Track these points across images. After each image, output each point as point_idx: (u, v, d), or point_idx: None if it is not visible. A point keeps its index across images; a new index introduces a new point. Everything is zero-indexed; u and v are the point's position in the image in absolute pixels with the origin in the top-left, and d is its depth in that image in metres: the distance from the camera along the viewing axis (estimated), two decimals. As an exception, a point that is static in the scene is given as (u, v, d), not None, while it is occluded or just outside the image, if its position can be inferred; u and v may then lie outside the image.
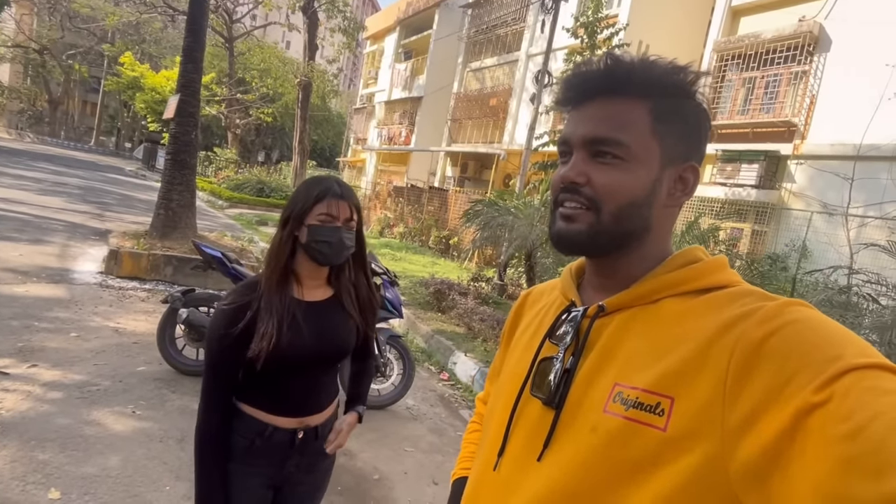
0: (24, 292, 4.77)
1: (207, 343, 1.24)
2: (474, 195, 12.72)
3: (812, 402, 0.44)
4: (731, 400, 0.49)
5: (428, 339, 5.61)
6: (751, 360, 0.50)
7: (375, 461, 3.07)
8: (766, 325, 0.51)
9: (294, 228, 1.25)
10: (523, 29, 16.10)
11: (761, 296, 0.57)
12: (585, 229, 0.64)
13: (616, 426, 0.56)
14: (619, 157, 0.62)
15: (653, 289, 0.63)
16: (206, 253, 3.78)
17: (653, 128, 0.62)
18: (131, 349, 3.93)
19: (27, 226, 7.77)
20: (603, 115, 0.63)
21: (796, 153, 9.15)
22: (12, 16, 35.40)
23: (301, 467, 1.32)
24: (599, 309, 0.65)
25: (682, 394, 0.53)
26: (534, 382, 0.68)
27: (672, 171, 0.64)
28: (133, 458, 2.57)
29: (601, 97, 0.63)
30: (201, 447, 1.22)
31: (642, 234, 0.65)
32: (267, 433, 1.25)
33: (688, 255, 0.65)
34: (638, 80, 0.62)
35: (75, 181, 16.16)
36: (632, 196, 0.62)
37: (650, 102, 0.62)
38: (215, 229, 9.81)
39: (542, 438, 0.62)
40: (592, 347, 0.63)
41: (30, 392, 3.01)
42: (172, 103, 7.07)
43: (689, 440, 0.51)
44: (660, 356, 0.57)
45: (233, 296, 1.23)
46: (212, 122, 28.15)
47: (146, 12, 26.34)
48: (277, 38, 44.62)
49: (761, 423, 0.47)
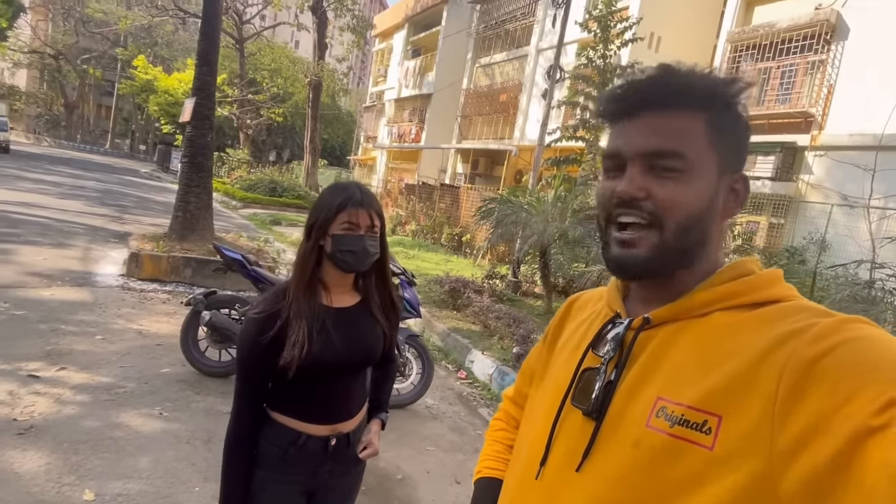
0: (50, 296, 4.88)
1: (238, 351, 1.26)
2: (486, 192, 12.70)
3: (871, 426, 0.43)
4: (781, 420, 0.48)
5: (444, 337, 5.63)
6: (803, 379, 0.48)
7: (398, 461, 3.10)
8: (821, 342, 0.49)
9: (319, 238, 1.27)
10: (533, 23, 16.00)
11: (818, 312, 0.55)
12: (649, 253, 0.62)
13: (660, 442, 0.55)
14: (678, 169, 0.60)
15: (702, 302, 0.61)
16: (227, 256, 3.83)
17: (709, 139, 0.61)
18: (155, 351, 4.01)
19: (49, 230, 7.93)
20: (660, 128, 0.61)
21: (814, 144, 9.00)
22: (28, 22, 35.93)
23: (334, 473, 1.34)
24: (645, 321, 0.64)
25: (731, 412, 0.52)
26: (576, 393, 0.68)
27: (727, 181, 0.63)
28: (163, 459, 2.63)
29: (655, 109, 0.62)
30: (230, 451, 1.25)
31: (701, 248, 0.63)
32: (300, 442, 1.27)
33: (740, 268, 0.63)
34: (696, 92, 0.62)
35: (93, 184, 16.43)
36: (694, 209, 0.61)
37: (706, 114, 0.61)
38: (231, 230, 9.92)
39: (583, 449, 0.62)
40: (636, 360, 0.63)
41: (60, 395, 3.08)
42: (188, 106, 7.15)
43: (735, 459, 0.50)
44: (706, 372, 0.55)
45: (263, 304, 1.25)
46: (224, 123, 28.38)
47: (157, 15, 26.63)
48: (287, 38, 44.79)
49: (815, 445, 0.45)
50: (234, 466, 1.25)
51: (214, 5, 7.14)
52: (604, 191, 0.66)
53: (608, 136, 0.67)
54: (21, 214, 8.77)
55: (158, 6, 26.79)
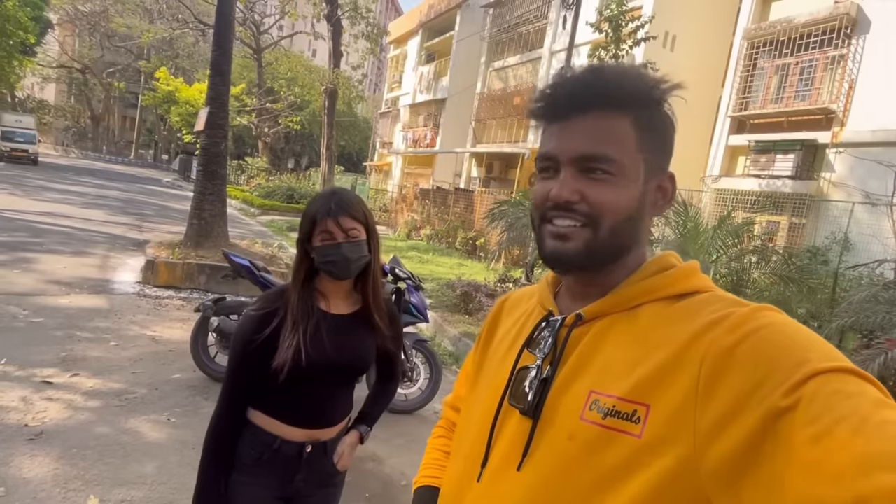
0: (68, 303, 5.00)
1: (233, 346, 1.27)
2: (500, 195, 12.65)
3: (780, 407, 0.45)
4: (703, 404, 0.50)
5: (456, 341, 5.60)
6: (722, 365, 0.51)
7: (403, 467, 3.08)
8: (737, 331, 0.52)
9: (308, 250, 1.30)
10: (546, 25, 15.93)
11: (731, 301, 0.58)
12: (583, 247, 0.63)
13: (593, 434, 0.57)
14: (610, 172, 0.62)
15: (629, 296, 0.64)
16: (235, 262, 3.88)
17: (638, 141, 0.63)
18: (167, 357, 4.07)
19: (71, 238, 8.15)
20: (591, 131, 0.62)
21: (835, 141, 8.74)
22: (56, 38, 37.19)
23: (310, 482, 1.33)
24: (577, 318, 0.65)
25: (657, 401, 0.54)
26: (512, 392, 0.68)
27: (655, 182, 0.66)
28: (168, 465, 2.65)
29: (585, 111, 0.63)
30: (210, 447, 1.27)
31: (632, 246, 0.66)
32: (275, 446, 1.27)
33: (662, 262, 0.66)
34: (624, 94, 0.63)
35: (116, 194, 16.86)
36: (626, 210, 0.63)
37: (633, 115, 0.63)
38: (247, 237, 10.07)
39: (522, 448, 0.63)
40: (570, 356, 0.64)
41: (71, 401, 3.15)
42: (202, 116, 7.29)
43: (662, 445, 0.52)
44: (635, 364, 0.57)
45: (261, 302, 1.28)
46: (243, 131, 28.92)
47: (178, 28, 27.32)
48: (304, 47, 45.49)
49: (732, 426, 0.48)
50: (212, 463, 1.27)
51: (227, 16, 7.28)
52: (539, 192, 0.67)
53: (542, 137, 0.68)
54: (45, 224, 9.04)
55: (179, 19, 27.49)
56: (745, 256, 5.58)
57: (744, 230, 5.84)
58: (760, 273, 5.54)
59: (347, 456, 1.38)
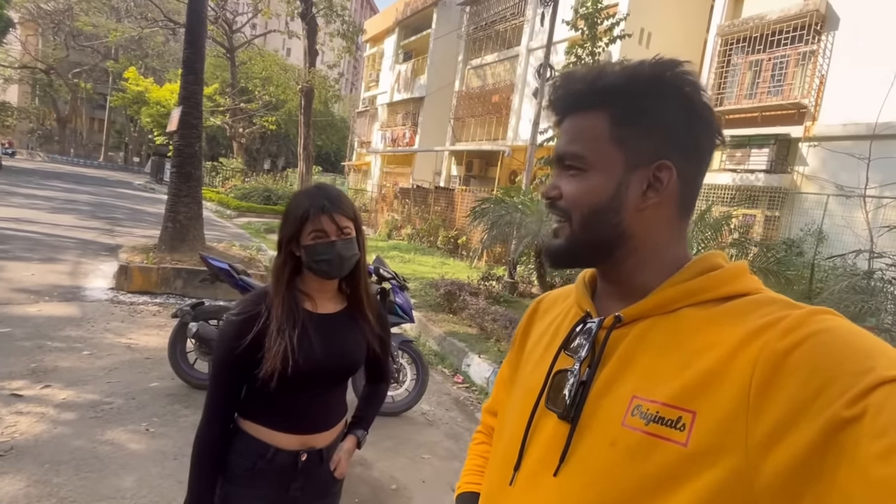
0: (37, 312, 4.79)
1: (215, 353, 1.22)
2: (481, 193, 12.65)
3: (844, 417, 0.43)
4: (756, 413, 0.48)
5: (440, 341, 5.56)
6: (775, 372, 0.48)
7: (392, 470, 3.03)
8: (791, 335, 0.49)
9: (293, 249, 1.24)
10: (523, 23, 15.99)
11: (785, 304, 0.55)
12: (564, 243, 0.66)
13: (636, 441, 0.55)
14: (578, 167, 0.64)
15: (671, 298, 0.61)
16: (214, 266, 3.76)
17: (611, 134, 0.63)
18: (144, 365, 3.93)
19: (39, 245, 7.84)
20: (570, 130, 0.66)
21: (807, 135, 8.96)
22: (18, 37, 35.88)
23: (307, 491, 1.28)
24: (616, 320, 0.63)
25: (704, 408, 0.52)
26: (549, 396, 0.67)
27: (641, 173, 0.63)
28: (148, 477, 2.55)
29: (570, 113, 0.66)
30: (197, 460, 1.21)
31: (619, 240, 0.64)
32: (269, 455, 1.22)
33: (706, 262, 0.63)
34: (595, 93, 0.64)
35: (85, 198, 16.33)
36: (593, 204, 0.63)
37: (608, 110, 0.63)
38: (224, 239, 9.85)
39: (559, 453, 0.61)
40: (609, 359, 0.62)
41: (43, 414, 3.00)
42: (175, 116, 7.09)
43: (711, 455, 0.50)
44: (680, 368, 0.55)
45: (242, 305, 1.22)
46: (217, 132, 28.35)
47: (147, 27, 26.60)
48: (278, 46, 44.83)
49: (789, 437, 0.45)
50: (200, 477, 1.21)
51: (198, 13, 7.09)
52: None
53: None
54: (11, 230, 8.67)
55: (148, 18, 26.75)
56: (725, 250, 5.66)
57: (722, 224, 5.93)
58: (739, 265, 5.63)
59: (344, 463, 1.33)
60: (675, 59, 0.62)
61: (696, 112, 0.62)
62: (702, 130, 0.63)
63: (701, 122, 0.63)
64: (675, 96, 0.61)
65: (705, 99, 0.62)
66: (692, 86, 0.62)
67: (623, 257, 0.64)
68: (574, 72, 0.66)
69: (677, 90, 0.61)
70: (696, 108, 0.62)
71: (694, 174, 0.64)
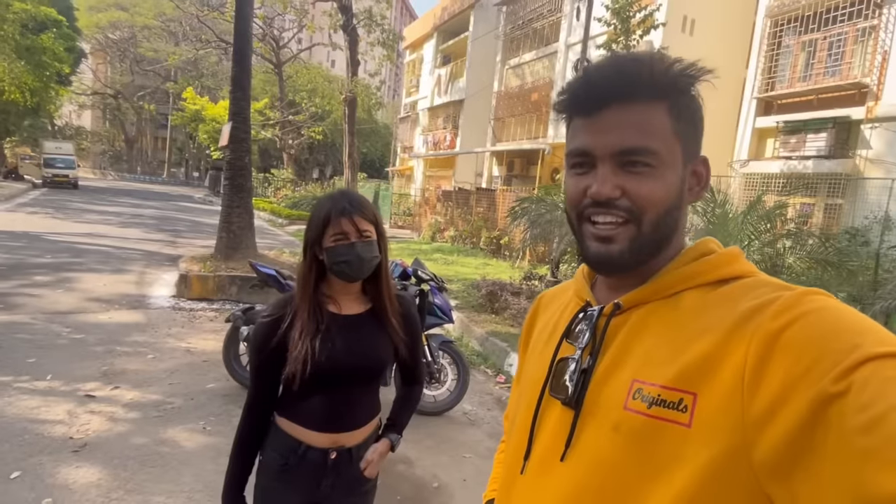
0: (108, 319, 5.20)
1: (249, 353, 1.32)
2: (522, 193, 12.56)
3: (830, 393, 0.44)
4: (751, 392, 0.49)
5: (483, 341, 5.59)
6: (768, 351, 0.49)
7: (434, 469, 3.08)
8: (783, 315, 0.51)
9: (316, 253, 1.29)
10: (560, 19, 15.75)
11: (777, 286, 0.57)
12: (627, 247, 0.62)
13: (640, 424, 0.56)
14: (650, 164, 0.61)
15: (668, 283, 0.63)
16: (261, 272, 3.96)
17: (673, 129, 0.62)
18: (201, 367, 4.19)
19: (110, 257, 8.49)
20: (627, 123, 0.60)
21: (870, 116, 8.35)
22: (89, 66, 38.89)
23: (337, 489, 1.33)
24: (615, 307, 0.64)
25: (705, 389, 0.53)
26: (552, 384, 0.68)
27: (691, 168, 0.65)
28: (203, 472, 2.73)
29: (619, 103, 0.61)
30: (233, 451, 1.32)
31: (673, 233, 0.65)
32: (300, 451, 1.28)
33: (701, 248, 0.65)
34: (656, 81, 0.61)
35: (151, 212, 17.49)
36: (668, 202, 0.62)
37: (667, 102, 0.61)
38: (275, 247, 10.28)
39: (565, 439, 0.63)
40: (610, 345, 0.63)
41: (113, 413, 3.27)
42: (225, 131, 7.50)
43: (712, 434, 0.51)
44: (679, 351, 0.56)
45: (270, 308, 1.30)
46: (268, 144, 29.57)
47: (202, 48, 28.19)
48: (322, 59, 46.21)
49: (780, 414, 0.47)
50: (235, 464, 1.32)
51: (244, 34, 7.47)
52: (574, 189, 0.65)
53: (570, 131, 0.66)
54: (86, 244, 9.44)
55: (202, 40, 28.36)
56: (779, 241, 5.39)
57: (776, 214, 5.63)
58: (796, 258, 5.33)
59: (375, 464, 1.37)
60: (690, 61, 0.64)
61: (700, 108, 0.65)
62: (703, 125, 0.66)
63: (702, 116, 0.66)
64: (697, 96, 0.64)
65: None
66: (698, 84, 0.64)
67: (666, 249, 0.65)
68: (622, 56, 0.64)
69: (695, 90, 0.64)
70: (700, 105, 0.65)
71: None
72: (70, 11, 24.58)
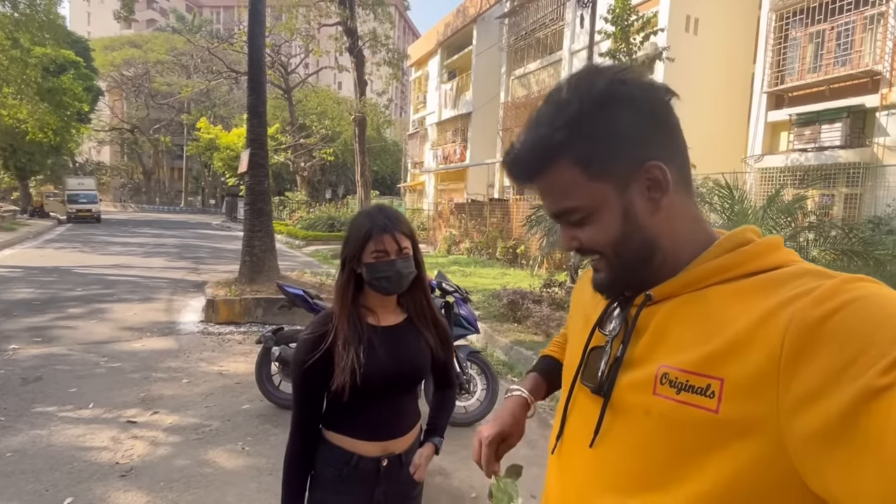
0: (141, 347, 5.34)
1: (292, 372, 1.34)
2: (536, 201, 12.57)
3: (877, 386, 0.43)
4: (787, 380, 0.48)
5: (507, 350, 5.60)
6: (808, 340, 0.48)
7: (471, 479, 3.09)
8: (826, 304, 0.49)
9: (354, 267, 1.33)
10: (562, 27, 15.90)
11: (819, 274, 0.55)
12: (609, 274, 0.68)
13: (669, 409, 0.57)
14: (580, 216, 0.65)
15: (700, 275, 0.62)
16: (289, 293, 4.05)
17: (586, 175, 0.62)
18: (235, 389, 4.28)
19: (138, 287, 8.70)
20: (546, 192, 0.67)
21: (885, 103, 8.25)
22: (106, 103, 40.17)
23: (390, 495, 1.37)
24: (647, 298, 0.65)
25: (731, 374, 0.52)
26: (584, 372, 0.71)
27: (636, 185, 0.62)
28: (247, 491, 2.79)
29: (532, 180, 0.67)
30: (286, 469, 1.33)
31: (652, 250, 0.64)
32: (353, 462, 1.32)
33: (736, 238, 0.63)
34: (548, 149, 0.63)
35: (172, 241, 17.85)
36: (616, 235, 0.64)
37: (568, 157, 0.62)
38: (296, 268, 10.42)
39: (593, 426, 0.65)
40: (640, 336, 0.64)
41: (154, 437, 3.36)
42: (244, 158, 7.69)
43: (742, 422, 0.51)
44: (706, 338, 0.56)
45: (311, 327, 1.33)
46: (281, 168, 30.11)
47: (213, 79, 28.90)
48: (330, 81, 47.07)
49: (820, 404, 0.45)
50: (289, 484, 1.33)
51: (258, 62, 7.70)
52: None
53: None
54: (114, 276, 9.69)
55: (214, 71, 29.12)
56: (801, 234, 5.34)
57: (796, 207, 5.58)
58: (820, 250, 5.27)
59: (423, 467, 1.41)
60: (591, 70, 0.63)
61: (640, 99, 0.61)
62: (658, 110, 0.62)
63: (652, 104, 0.62)
64: (618, 103, 0.60)
65: (635, 78, 0.62)
66: (621, 80, 0.61)
67: (661, 259, 0.65)
68: (512, 147, 0.67)
69: (614, 97, 0.60)
70: (637, 96, 0.61)
71: (677, 153, 0.64)
72: (87, 52, 25.54)
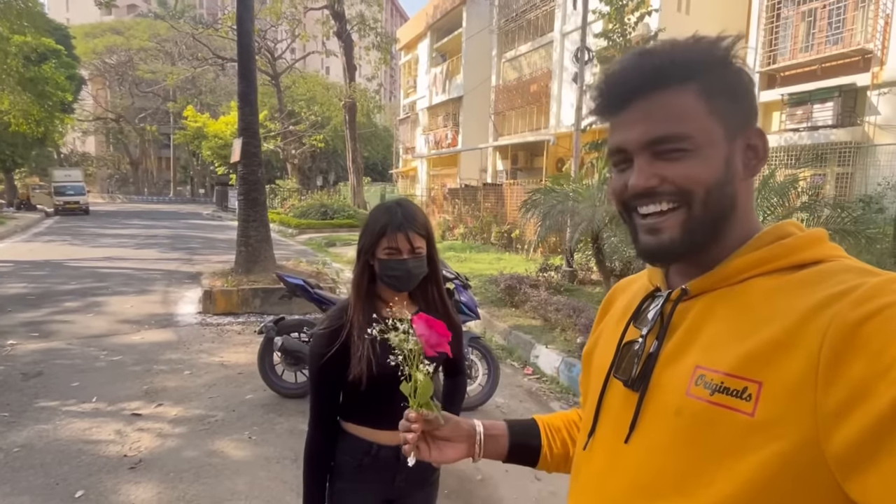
0: (141, 339, 5.33)
1: (309, 366, 1.36)
2: (530, 185, 12.59)
3: None
4: (825, 386, 0.47)
5: (506, 335, 5.66)
6: (847, 343, 0.47)
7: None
8: (865, 305, 0.48)
9: (368, 259, 1.35)
10: (554, 8, 15.73)
11: (861, 271, 0.53)
12: (679, 233, 0.61)
13: (701, 410, 0.55)
14: (684, 149, 0.59)
15: (738, 269, 0.60)
16: (290, 282, 4.06)
17: (708, 108, 0.59)
18: (237, 380, 4.29)
19: (132, 279, 8.64)
20: (653, 113, 0.60)
21: (876, 82, 8.30)
22: (89, 92, 39.32)
23: (410, 482, 1.40)
24: (683, 292, 0.64)
25: (771, 378, 0.51)
26: (618, 366, 0.70)
27: (740, 143, 0.62)
28: (257, 479, 2.83)
29: (644, 95, 0.61)
30: (307, 462, 1.36)
31: (732, 212, 0.62)
32: (373, 451, 1.35)
33: (778, 231, 0.62)
34: (678, 66, 0.60)
35: (163, 232, 17.69)
36: (713, 180, 0.60)
37: (696, 84, 0.60)
38: (291, 257, 10.39)
39: (628, 421, 0.64)
40: (675, 331, 0.63)
41: (160, 429, 3.38)
42: (237, 147, 7.60)
43: (779, 426, 0.50)
44: (744, 338, 0.55)
45: (327, 321, 1.35)
46: (271, 156, 29.79)
47: (199, 66, 28.42)
48: (318, 67, 46.37)
49: (860, 409, 0.45)
50: (311, 477, 1.36)
51: (248, 48, 7.55)
52: (617, 185, 0.66)
53: (609, 132, 0.67)
54: (107, 268, 9.62)
55: (199, 58, 28.60)
56: (794, 214, 5.39)
57: (788, 188, 5.64)
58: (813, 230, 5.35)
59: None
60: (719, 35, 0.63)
61: (747, 78, 0.64)
62: (753, 95, 0.64)
63: (751, 86, 0.64)
64: (738, 66, 0.62)
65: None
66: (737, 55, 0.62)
67: (727, 230, 0.62)
68: (642, 50, 0.63)
69: (735, 60, 0.62)
70: (745, 75, 0.63)
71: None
72: (67, 40, 24.85)
